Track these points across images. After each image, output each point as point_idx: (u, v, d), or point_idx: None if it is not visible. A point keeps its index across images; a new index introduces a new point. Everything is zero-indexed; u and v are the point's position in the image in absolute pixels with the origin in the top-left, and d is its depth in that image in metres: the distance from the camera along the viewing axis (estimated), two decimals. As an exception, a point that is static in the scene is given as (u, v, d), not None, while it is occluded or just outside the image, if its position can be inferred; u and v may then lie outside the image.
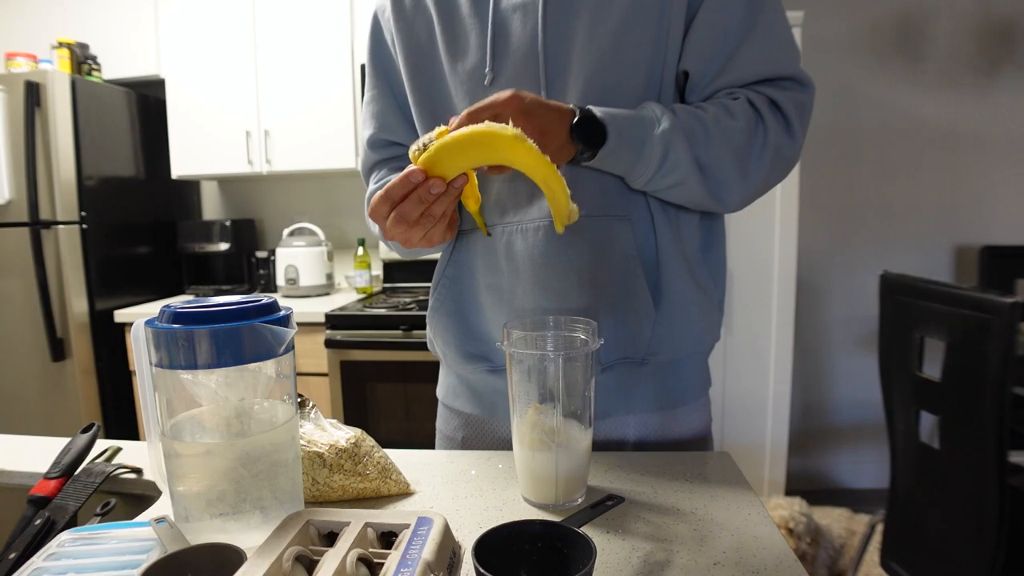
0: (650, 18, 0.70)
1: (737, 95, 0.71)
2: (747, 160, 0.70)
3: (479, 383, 0.85)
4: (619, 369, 0.77)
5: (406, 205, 0.61)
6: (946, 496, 1.34)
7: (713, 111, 0.69)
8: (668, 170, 0.68)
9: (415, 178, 0.59)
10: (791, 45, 0.73)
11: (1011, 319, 1.14)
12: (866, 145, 2.58)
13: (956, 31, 2.49)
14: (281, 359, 0.54)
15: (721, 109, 0.70)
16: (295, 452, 0.57)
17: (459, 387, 0.88)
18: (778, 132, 0.71)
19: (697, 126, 0.68)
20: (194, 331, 0.49)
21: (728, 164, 0.70)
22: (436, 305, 0.84)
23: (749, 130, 0.69)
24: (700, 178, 0.69)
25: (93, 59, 2.52)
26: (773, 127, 0.71)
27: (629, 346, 0.76)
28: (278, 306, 0.54)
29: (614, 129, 0.66)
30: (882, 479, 1.61)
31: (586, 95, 0.71)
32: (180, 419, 0.53)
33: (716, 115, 0.69)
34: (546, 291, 0.75)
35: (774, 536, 0.57)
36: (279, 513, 0.53)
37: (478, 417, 0.86)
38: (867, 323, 2.63)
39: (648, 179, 0.70)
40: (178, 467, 0.52)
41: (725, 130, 0.69)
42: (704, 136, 0.68)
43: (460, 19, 0.76)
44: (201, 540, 0.49)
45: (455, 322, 0.83)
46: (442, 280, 0.84)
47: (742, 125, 0.69)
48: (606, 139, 0.66)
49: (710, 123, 0.68)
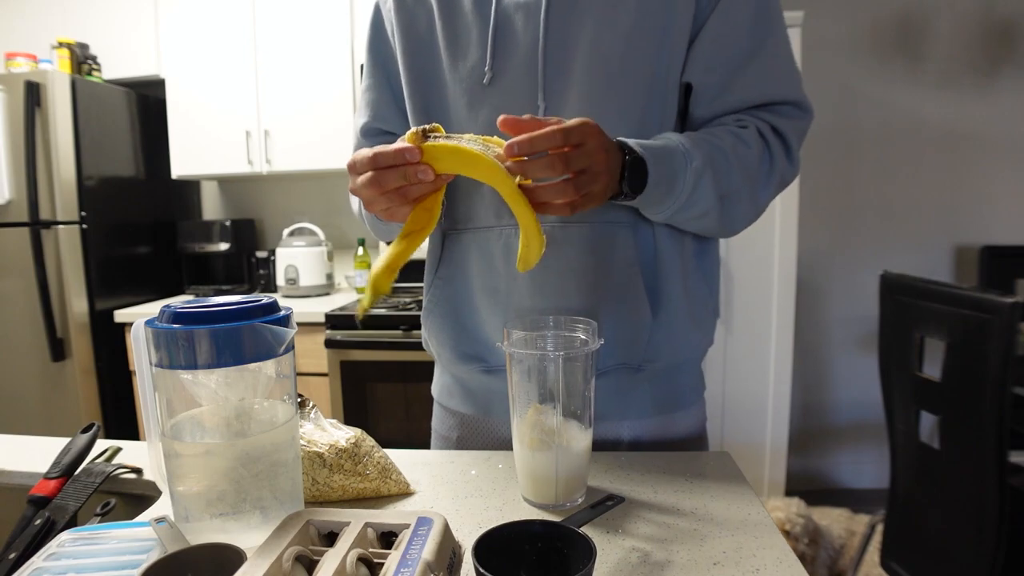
0: (656, 27, 0.70)
1: (745, 123, 0.71)
2: (758, 190, 0.71)
3: (474, 383, 0.85)
4: (615, 375, 0.77)
5: (388, 173, 0.59)
6: (946, 496, 1.34)
7: (730, 141, 0.69)
8: (693, 203, 0.68)
9: (410, 156, 0.58)
10: (795, 68, 0.74)
11: (1011, 319, 1.14)
12: (866, 145, 2.58)
13: (956, 31, 2.49)
14: (281, 359, 0.54)
15: (735, 139, 0.69)
16: (295, 452, 0.57)
17: (454, 387, 0.88)
18: (783, 161, 0.72)
19: (720, 159, 0.68)
20: (194, 331, 0.49)
21: (744, 195, 0.70)
22: (430, 306, 0.84)
23: (760, 161, 0.70)
24: (720, 209, 0.69)
25: (93, 59, 2.52)
26: (779, 156, 0.72)
27: (626, 352, 0.76)
28: (278, 306, 0.54)
29: (653, 170, 0.64)
30: (882, 479, 1.61)
31: (585, 101, 0.70)
32: (180, 419, 0.53)
33: (734, 146, 0.69)
34: (543, 294, 0.75)
35: (774, 536, 0.57)
36: (279, 513, 0.53)
37: (473, 417, 0.86)
38: (867, 323, 2.63)
39: (670, 215, 0.69)
40: (178, 467, 0.52)
41: (742, 161, 0.69)
42: (726, 169, 0.68)
43: (462, 15, 0.75)
44: (201, 540, 0.49)
45: (450, 323, 0.82)
46: (435, 281, 0.83)
47: (755, 156, 0.70)
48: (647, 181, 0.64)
49: (730, 155, 0.68)
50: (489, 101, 0.73)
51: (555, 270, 0.73)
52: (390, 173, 0.59)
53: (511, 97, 0.73)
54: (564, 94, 0.72)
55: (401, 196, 0.61)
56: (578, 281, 0.74)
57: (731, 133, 0.70)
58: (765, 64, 0.72)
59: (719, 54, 0.71)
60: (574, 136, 0.56)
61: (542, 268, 0.74)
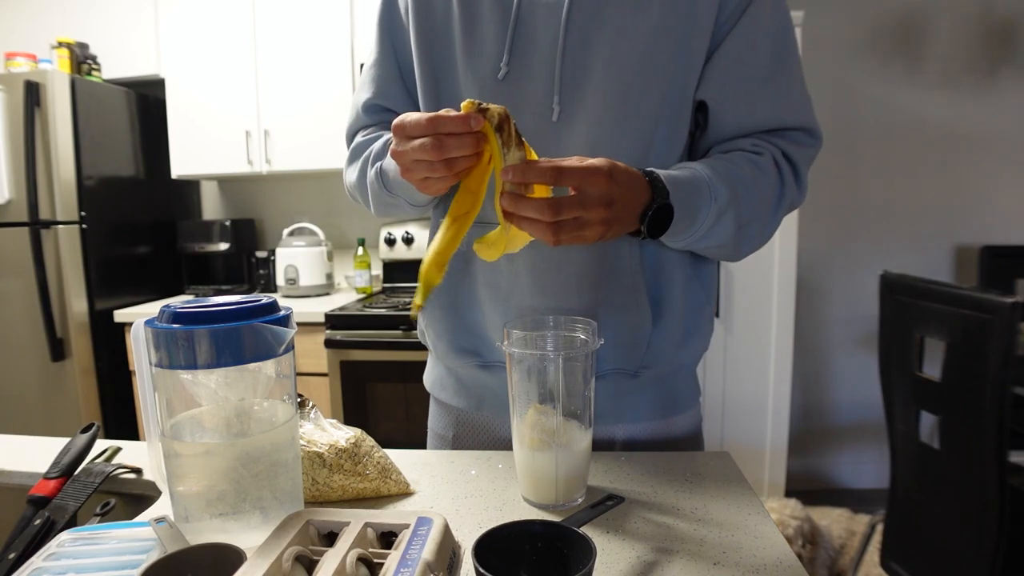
0: (675, 40, 0.69)
1: (761, 149, 0.71)
2: (770, 220, 0.72)
3: (468, 377, 0.84)
4: (612, 378, 0.77)
5: (449, 140, 0.56)
6: (946, 496, 1.34)
7: (749, 171, 0.69)
8: (711, 236, 0.68)
9: (476, 124, 0.54)
10: (808, 94, 0.74)
11: (1011, 319, 1.14)
12: (866, 145, 2.58)
13: (956, 31, 2.49)
14: (281, 359, 0.54)
15: (754, 169, 0.69)
16: (295, 452, 0.57)
17: (447, 379, 0.87)
18: (793, 189, 0.73)
19: (744, 193, 0.67)
20: (194, 331, 0.49)
21: (758, 225, 0.70)
22: (431, 296, 0.84)
23: (774, 191, 0.71)
24: (735, 239, 0.69)
25: (93, 59, 2.52)
26: (790, 185, 0.72)
27: (624, 358, 0.76)
28: (278, 306, 0.54)
29: (678, 212, 0.63)
30: (882, 479, 1.61)
31: (599, 108, 0.70)
32: (180, 419, 0.53)
33: (754, 177, 0.68)
34: (545, 294, 0.74)
35: (774, 536, 0.57)
36: (279, 513, 0.53)
37: (467, 414, 0.86)
38: (867, 323, 2.63)
39: (684, 245, 0.69)
40: (178, 467, 0.52)
41: (761, 193, 0.69)
42: (747, 203, 0.68)
43: (481, 5, 0.73)
44: (201, 540, 0.49)
45: (449, 314, 0.82)
46: None
47: (771, 186, 0.70)
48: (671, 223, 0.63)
49: (752, 188, 0.68)
50: (502, 97, 0.72)
51: (559, 271, 0.73)
52: (451, 140, 0.56)
53: (525, 95, 0.72)
54: (580, 99, 0.71)
55: (448, 166, 0.58)
56: (580, 284, 0.73)
57: (750, 162, 0.69)
58: (782, 89, 0.72)
59: (737, 75, 0.71)
60: (571, 178, 0.55)
61: (546, 268, 0.73)
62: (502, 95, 0.72)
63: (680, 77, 0.71)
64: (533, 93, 0.72)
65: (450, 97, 0.77)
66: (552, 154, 0.62)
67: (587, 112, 0.70)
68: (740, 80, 0.71)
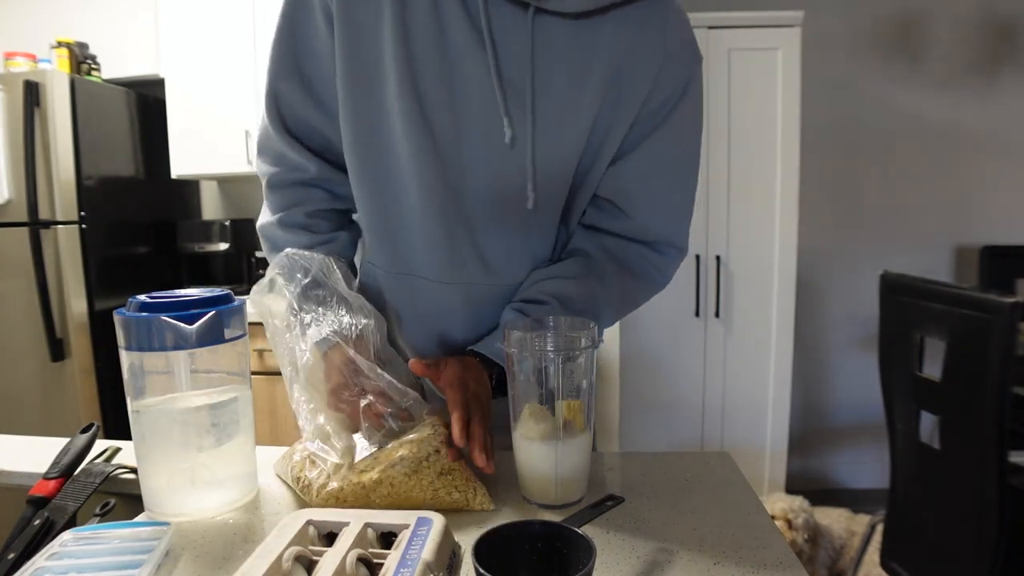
0: (596, 144, 0.72)
1: (631, 261, 0.78)
2: (623, 312, 0.81)
3: None
4: None
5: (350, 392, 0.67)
6: (946, 496, 1.34)
7: (619, 292, 0.77)
8: None
9: None
10: (691, 212, 0.80)
11: (1011, 319, 1.14)
12: (866, 145, 2.58)
13: (957, 31, 2.49)
14: (195, 352, 0.62)
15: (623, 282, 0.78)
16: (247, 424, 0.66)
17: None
18: (654, 290, 0.82)
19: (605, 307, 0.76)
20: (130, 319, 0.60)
21: (611, 318, 0.79)
22: (363, 281, 0.83)
23: (637, 294, 0.81)
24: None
25: (92, 59, 2.51)
26: (650, 291, 0.82)
27: None
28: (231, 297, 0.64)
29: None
30: (882, 479, 1.61)
31: (536, 148, 0.70)
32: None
33: (622, 294, 0.78)
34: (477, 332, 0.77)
35: (774, 536, 0.57)
36: (234, 484, 0.64)
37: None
38: (867, 323, 2.62)
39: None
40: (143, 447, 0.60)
41: (624, 300, 0.79)
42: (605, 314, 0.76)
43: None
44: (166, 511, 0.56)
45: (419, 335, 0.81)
46: (364, 265, 0.82)
47: (638, 293, 0.81)
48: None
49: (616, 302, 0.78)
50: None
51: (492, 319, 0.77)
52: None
53: None
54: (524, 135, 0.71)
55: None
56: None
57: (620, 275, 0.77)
58: (673, 209, 0.78)
59: (637, 184, 0.75)
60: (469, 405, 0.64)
61: (480, 318, 0.77)
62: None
63: (593, 177, 0.75)
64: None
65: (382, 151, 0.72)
66: None
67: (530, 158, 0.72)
68: (638, 192, 0.75)
